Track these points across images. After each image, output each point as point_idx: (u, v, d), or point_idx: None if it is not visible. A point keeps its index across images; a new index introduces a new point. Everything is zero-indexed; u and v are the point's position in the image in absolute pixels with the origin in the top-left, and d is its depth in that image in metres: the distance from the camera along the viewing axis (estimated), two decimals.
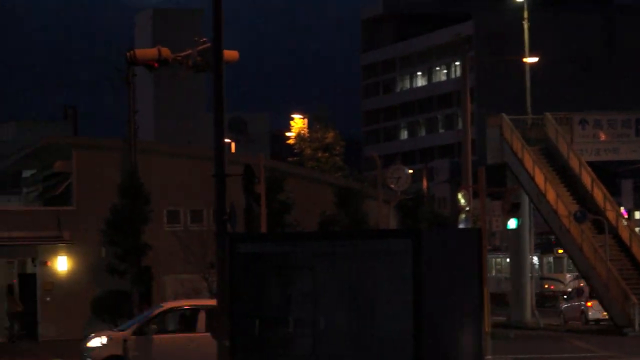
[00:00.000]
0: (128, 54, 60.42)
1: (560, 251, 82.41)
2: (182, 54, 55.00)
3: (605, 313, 64.52)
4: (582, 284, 71.90)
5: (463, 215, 69.81)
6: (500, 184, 72.07)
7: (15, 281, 64.66)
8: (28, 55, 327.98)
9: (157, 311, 42.71)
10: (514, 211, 70.56)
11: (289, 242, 15.56)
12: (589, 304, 66.93)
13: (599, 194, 66.40)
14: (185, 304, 47.29)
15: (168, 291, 58.92)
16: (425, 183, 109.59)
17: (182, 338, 39.96)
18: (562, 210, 64.55)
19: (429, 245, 13.65)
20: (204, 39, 47.87)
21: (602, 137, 70.51)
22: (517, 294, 70.15)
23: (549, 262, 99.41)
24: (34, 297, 62.31)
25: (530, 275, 70.21)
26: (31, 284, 63.23)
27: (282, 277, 14.46)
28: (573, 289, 75.50)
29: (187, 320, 41.24)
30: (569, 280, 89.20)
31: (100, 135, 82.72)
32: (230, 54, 39.43)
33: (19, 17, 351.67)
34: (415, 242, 13.54)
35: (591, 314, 66.91)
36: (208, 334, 38.01)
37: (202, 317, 40.86)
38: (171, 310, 42.66)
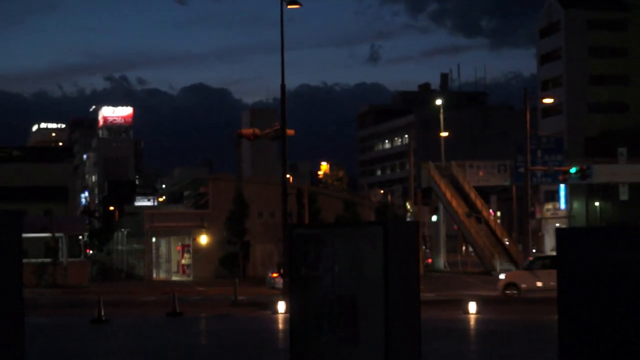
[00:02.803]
0: (237, 131, 60.86)
1: None
2: (265, 131, 55.23)
3: None
4: None
5: (409, 214, 69.55)
6: (428, 198, 72.09)
7: (180, 248, 64.97)
8: (184, 130, 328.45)
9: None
10: (435, 212, 70.49)
11: (320, 228, 15.49)
12: None
13: (479, 202, 66.36)
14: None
15: (257, 254, 58.96)
16: (389, 198, 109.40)
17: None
18: (460, 211, 64.47)
19: (391, 231, 13.58)
20: (277, 124, 48.05)
21: (481, 173, 70.31)
22: (435, 254, 69.94)
23: None
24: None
25: (443, 244, 69.85)
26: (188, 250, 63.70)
27: (316, 247, 14.39)
28: None
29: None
30: None
31: (223, 172, 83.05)
32: (290, 131, 39.49)
33: (185, 109, 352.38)
34: (384, 229, 13.45)
35: None
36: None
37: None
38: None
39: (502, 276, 39.06)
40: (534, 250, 60.61)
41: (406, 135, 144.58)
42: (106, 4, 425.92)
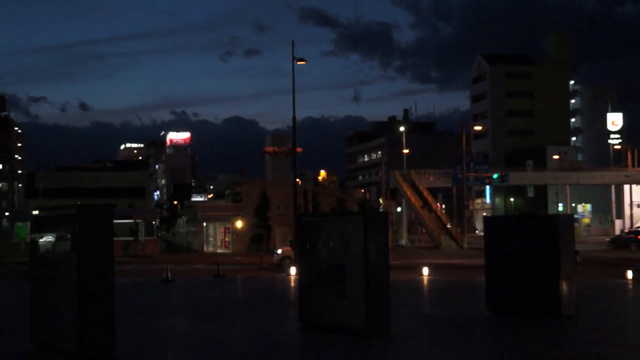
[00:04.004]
0: (262, 150, 60.70)
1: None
2: (282, 149, 55.23)
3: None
4: None
5: (381, 207, 69.29)
6: (395, 195, 71.87)
7: (222, 230, 64.55)
8: (225, 148, 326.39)
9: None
10: (399, 205, 70.24)
11: (319, 216, 15.49)
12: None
13: (430, 198, 66.14)
14: None
15: (277, 235, 58.59)
16: (368, 195, 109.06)
17: None
18: (417, 204, 64.26)
19: (370, 219, 13.55)
20: (290, 144, 47.97)
21: (431, 178, 70.15)
22: (400, 233, 69.60)
23: None
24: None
25: (405, 227, 69.21)
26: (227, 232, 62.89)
27: (318, 228, 14.35)
28: None
29: None
30: None
31: (252, 178, 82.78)
32: (299, 150, 39.51)
33: (226, 134, 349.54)
34: (364, 217, 13.42)
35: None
36: None
37: None
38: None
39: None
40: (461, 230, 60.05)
41: (379, 152, 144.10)
42: (171, 61, 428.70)
